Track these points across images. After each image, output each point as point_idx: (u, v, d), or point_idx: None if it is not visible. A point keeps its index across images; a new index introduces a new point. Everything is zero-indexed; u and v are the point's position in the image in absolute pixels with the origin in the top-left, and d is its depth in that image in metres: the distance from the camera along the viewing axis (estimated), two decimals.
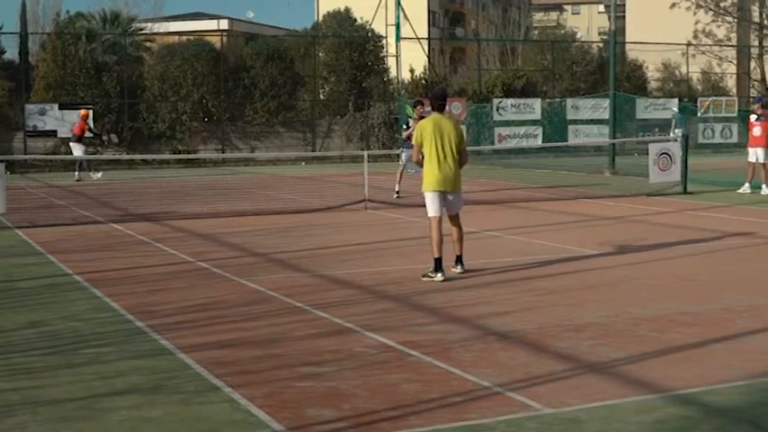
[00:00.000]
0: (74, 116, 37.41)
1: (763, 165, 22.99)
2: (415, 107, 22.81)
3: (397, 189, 22.17)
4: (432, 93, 12.50)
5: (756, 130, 23.32)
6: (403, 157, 22.94)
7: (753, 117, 23.71)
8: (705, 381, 7.07)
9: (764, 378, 7.17)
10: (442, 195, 11.73)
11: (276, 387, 7.03)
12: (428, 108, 17.96)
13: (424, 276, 11.49)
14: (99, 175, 30.43)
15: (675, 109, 43.38)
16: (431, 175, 11.71)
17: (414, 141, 12.10)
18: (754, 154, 23.14)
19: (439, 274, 11.40)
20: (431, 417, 6.33)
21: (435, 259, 11.45)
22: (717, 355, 7.88)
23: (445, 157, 11.66)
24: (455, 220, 11.94)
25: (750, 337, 8.54)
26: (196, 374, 7.38)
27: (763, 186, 22.79)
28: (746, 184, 23.10)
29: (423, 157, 11.84)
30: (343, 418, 6.31)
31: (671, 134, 40.92)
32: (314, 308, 9.85)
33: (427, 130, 11.74)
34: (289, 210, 20.12)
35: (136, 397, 6.81)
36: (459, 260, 11.95)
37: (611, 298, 10.40)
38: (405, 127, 23.74)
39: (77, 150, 30.40)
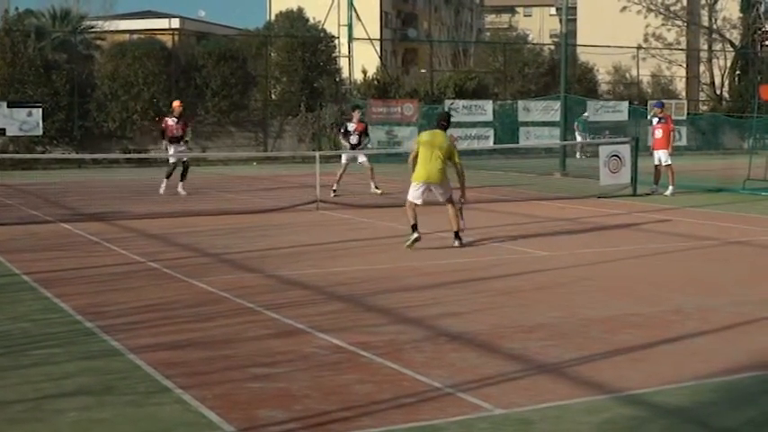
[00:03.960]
0: (22, 114, 37.08)
1: (668, 166, 23.55)
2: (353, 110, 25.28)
3: (334, 187, 22.80)
4: (439, 116, 15.53)
5: (657, 133, 23.96)
6: (343, 158, 23.89)
7: (654, 120, 24.51)
8: (654, 381, 7.14)
9: (712, 379, 7.26)
10: (426, 186, 14.43)
11: (227, 388, 7.00)
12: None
13: (406, 243, 13.93)
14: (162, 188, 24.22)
15: (585, 114, 43.91)
16: (417, 171, 14.42)
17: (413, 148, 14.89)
18: (658, 157, 23.71)
19: (415, 234, 13.96)
20: (383, 418, 6.34)
21: (411, 225, 14.04)
22: (666, 357, 7.96)
23: (432, 159, 14.33)
24: (448, 203, 14.65)
25: (698, 338, 8.63)
26: (147, 375, 7.33)
27: (670, 188, 23.27)
28: (655, 186, 23.58)
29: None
30: (294, 419, 6.30)
31: (577, 138, 41.65)
32: (265, 309, 9.82)
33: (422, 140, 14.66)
34: (240, 210, 20.05)
35: (86, 398, 6.75)
36: (456, 235, 14.48)
37: (562, 299, 10.47)
38: (343, 131, 24.28)
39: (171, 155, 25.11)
